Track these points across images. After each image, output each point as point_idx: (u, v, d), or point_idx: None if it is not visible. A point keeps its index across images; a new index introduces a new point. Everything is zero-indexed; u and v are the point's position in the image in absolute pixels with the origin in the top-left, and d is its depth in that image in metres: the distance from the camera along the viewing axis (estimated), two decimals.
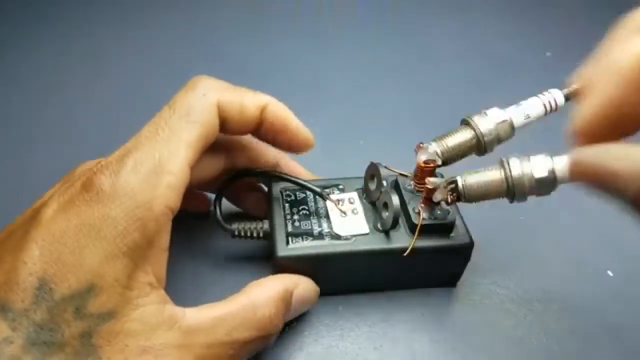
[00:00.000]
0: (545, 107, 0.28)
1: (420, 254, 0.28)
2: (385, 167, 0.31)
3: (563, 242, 0.35)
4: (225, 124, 0.27)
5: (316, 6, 0.54)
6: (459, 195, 0.27)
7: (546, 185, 0.24)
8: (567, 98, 0.29)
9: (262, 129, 0.28)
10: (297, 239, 0.29)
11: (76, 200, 0.22)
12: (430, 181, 0.28)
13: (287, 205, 0.31)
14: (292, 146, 0.30)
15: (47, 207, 0.22)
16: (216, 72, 0.28)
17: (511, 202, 0.26)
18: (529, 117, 0.29)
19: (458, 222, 0.30)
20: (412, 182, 0.30)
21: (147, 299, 0.22)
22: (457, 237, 0.29)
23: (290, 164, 0.33)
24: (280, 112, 0.28)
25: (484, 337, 0.30)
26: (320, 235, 0.29)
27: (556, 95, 0.28)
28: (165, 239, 0.23)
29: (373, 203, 0.31)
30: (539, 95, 0.29)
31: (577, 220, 0.36)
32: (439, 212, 0.29)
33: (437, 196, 0.27)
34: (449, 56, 0.49)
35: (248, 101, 0.27)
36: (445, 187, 0.27)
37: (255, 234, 0.31)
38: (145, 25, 0.52)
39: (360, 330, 0.30)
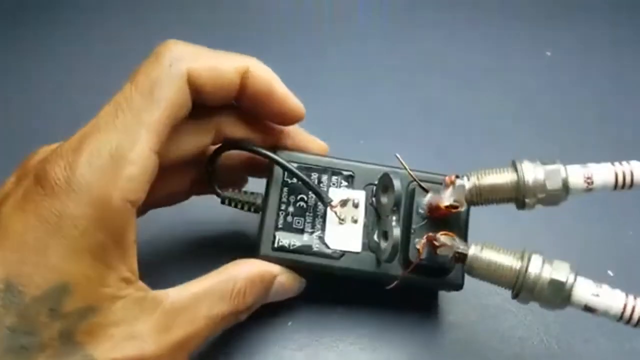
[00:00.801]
0: (617, 177, 0.23)
1: (406, 285, 0.26)
2: (405, 169, 0.27)
3: (563, 242, 0.34)
4: (200, 95, 0.24)
5: (315, 6, 0.53)
6: (464, 263, 0.24)
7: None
8: None
9: (244, 97, 0.25)
10: (284, 240, 0.27)
11: (31, 196, 0.21)
12: (440, 241, 0.24)
13: (285, 190, 0.27)
14: (279, 116, 0.27)
15: (3, 205, 0.21)
16: None
17: (514, 298, 0.23)
18: (589, 188, 0.23)
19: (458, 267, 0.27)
20: (425, 207, 0.26)
21: (126, 291, 0.22)
22: (450, 277, 0.27)
23: (298, 134, 0.29)
24: (264, 75, 0.25)
25: (483, 337, 0.30)
26: (309, 240, 0.27)
27: (635, 169, 0.23)
28: (131, 234, 0.22)
29: (379, 215, 0.27)
30: (615, 162, 0.23)
31: (577, 220, 0.35)
32: (440, 255, 0.25)
33: (443, 252, 0.24)
34: (449, 55, 0.47)
35: (225, 66, 0.24)
36: (451, 247, 0.24)
37: (246, 208, 0.28)
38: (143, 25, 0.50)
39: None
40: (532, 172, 0.23)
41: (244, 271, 0.25)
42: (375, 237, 0.27)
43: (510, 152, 0.25)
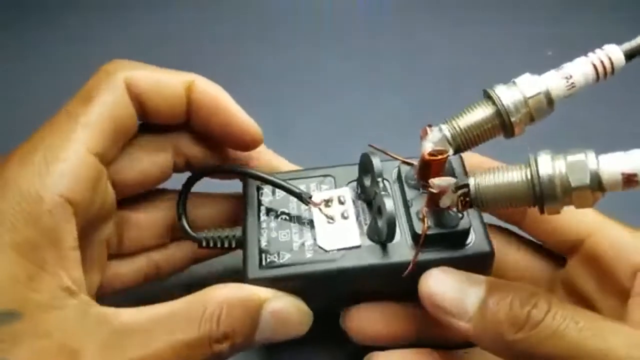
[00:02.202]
0: (596, 68, 0.21)
1: (425, 270, 0.22)
2: (384, 152, 0.25)
3: None
4: (144, 106, 0.24)
5: (315, 6, 0.54)
6: (471, 201, 0.21)
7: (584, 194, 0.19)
8: (631, 55, 0.21)
9: (192, 114, 0.25)
10: (273, 256, 0.23)
11: None
12: (435, 184, 0.21)
13: (263, 209, 0.25)
14: (230, 137, 0.25)
15: None
16: (214, 73, 0.26)
17: (542, 212, 0.20)
18: (572, 86, 0.21)
19: (475, 223, 0.24)
20: (415, 176, 0.24)
21: (64, 302, 0.20)
22: (473, 245, 0.23)
23: (266, 154, 0.28)
24: (210, 90, 0.25)
25: None
26: (301, 250, 0.24)
27: (612, 53, 0.21)
28: (69, 236, 0.21)
29: (370, 202, 0.25)
30: (588, 54, 0.21)
31: None
32: (448, 217, 0.23)
33: (445, 202, 0.21)
34: (449, 55, 0.48)
35: (167, 77, 0.24)
36: (454, 192, 0.21)
37: (227, 244, 0.25)
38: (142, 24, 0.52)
39: None
40: (507, 92, 0.22)
41: (220, 294, 0.22)
42: (372, 223, 0.24)
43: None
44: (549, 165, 0.19)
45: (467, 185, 0.21)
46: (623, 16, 0.48)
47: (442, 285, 0.21)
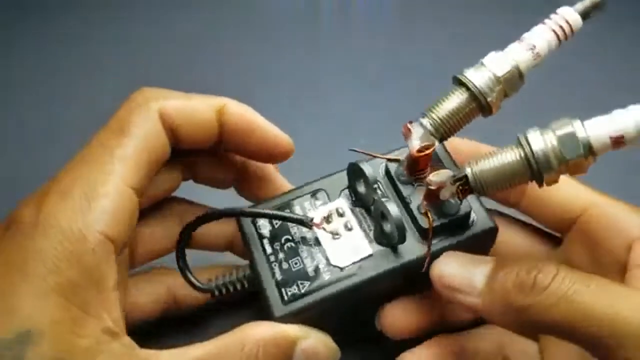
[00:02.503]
0: (556, 34, 0.21)
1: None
2: (368, 154, 0.25)
3: None
4: (177, 135, 0.24)
5: (315, 7, 0.54)
6: (470, 189, 0.21)
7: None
8: (585, 15, 0.21)
9: (224, 136, 0.25)
10: (292, 288, 0.23)
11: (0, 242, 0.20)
12: (433, 181, 0.22)
13: (266, 242, 0.25)
14: (264, 153, 0.26)
15: None
16: (214, 73, 0.28)
17: (541, 185, 0.20)
18: (538, 55, 0.22)
19: (474, 205, 0.24)
20: (405, 172, 0.24)
21: (108, 346, 0.19)
22: (477, 224, 0.24)
23: (259, 170, 0.28)
24: (242, 111, 0.25)
25: None
26: (318, 274, 0.23)
27: (568, 15, 0.21)
28: (111, 275, 0.20)
29: (367, 208, 0.25)
30: (545, 21, 0.22)
31: None
32: (448, 205, 0.23)
33: (445, 194, 0.22)
34: (450, 56, 0.47)
35: (199, 104, 0.24)
36: (452, 184, 0.22)
37: (239, 286, 0.25)
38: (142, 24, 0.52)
39: None
40: (478, 75, 0.22)
41: (257, 333, 0.22)
42: (377, 228, 0.24)
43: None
44: (541, 141, 0.19)
45: (464, 177, 0.21)
46: (624, 16, 0.47)
47: (450, 268, 0.22)
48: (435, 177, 0.22)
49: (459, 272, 0.22)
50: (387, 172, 0.25)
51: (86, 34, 0.49)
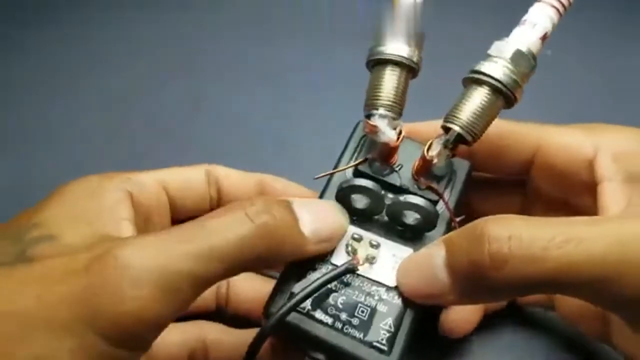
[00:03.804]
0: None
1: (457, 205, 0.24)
2: (331, 173, 0.24)
3: None
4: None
5: (315, 9, 0.54)
6: (463, 142, 0.22)
7: (526, 60, 0.22)
8: None
9: None
10: (380, 334, 0.21)
11: None
12: (433, 155, 0.22)
13: (319, 314, 0.22)
14: None
15: None
16: (213, 73, 0.27)
17: (513, 105, 0.22)
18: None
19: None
20: (381, 165, 0.24)
21: None
22: (459, 170, 0.25)
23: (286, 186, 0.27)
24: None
25: None
26: (388, 304, 0.22)
27: None
28: None
29: (372, 219, 0.24)
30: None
31: None
32: (438, 168, 0.23)
33: (441, 160, 0.23)
34: (450, 56, 0.45)
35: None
36: (445, 148, 0.22)
37: None
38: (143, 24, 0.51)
39: None
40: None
41: None
42: (400, 232, 0.24)
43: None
44: (498, 69, 0.21)
45: (458, 134, 0.22)
46: (624, 16, 0.48)
47: (409, 277, 0.22)
48: (433, 150, 0.22)
49: (422, 277, 0.21)
50: (362, 175, 0.24)
51: (86, 34, 0.49)
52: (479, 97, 0.22)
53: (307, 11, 0.52)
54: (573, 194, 0.25)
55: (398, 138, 0.22)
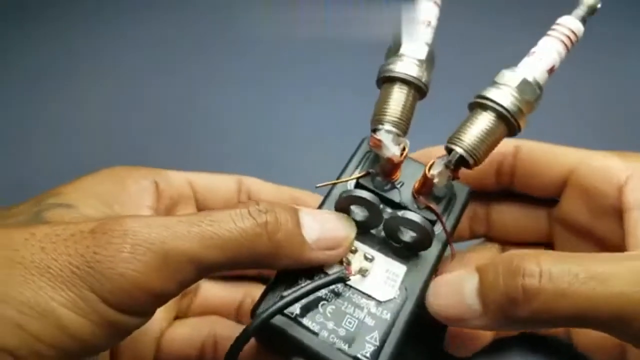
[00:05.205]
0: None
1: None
2: (333, 183, 0.24)
3: None
4: None
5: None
6: (465, 165, 0.23)
7: (532, 89, 0.22)
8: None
9: None
10: (365, 347, 0.21)
11: None
12: (434, 174, 0.23)
13: (306, 321, 0.22)
14: None
15: None
16: (213, 73, 0.27)
17: (516, 133, 0.23)
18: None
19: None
20: (383, 180, 0.24)
21: None
22: (459, 194, 0.25)
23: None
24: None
25: None
26: (376, 318, 0.22)
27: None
28: None
29: (367, 232, 0.24)
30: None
31: None
32: (438, 189, 0.24)
33: (442, 180, 0.23)
34: (450, 57, 0.44)
35: None
36: (446, 168, 0.23)
37: None
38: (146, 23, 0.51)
39: None
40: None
41: None
42: (393, 244, 0.24)
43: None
44: (504, 96, 0.22)
45: (460, 156, 0.22)
46: (624, 16, 0.47)
47: (441, 298, 0.22)
48: (434, 169, 0.23)
49: (451, 300, 0.21)
50: (363, 188, 0.24)
51: (86, 34, 0.49)
52: (483, 121, 0.22)
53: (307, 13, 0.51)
54: (599, 215, 0.25)
55: (401, 154, 0.23)
